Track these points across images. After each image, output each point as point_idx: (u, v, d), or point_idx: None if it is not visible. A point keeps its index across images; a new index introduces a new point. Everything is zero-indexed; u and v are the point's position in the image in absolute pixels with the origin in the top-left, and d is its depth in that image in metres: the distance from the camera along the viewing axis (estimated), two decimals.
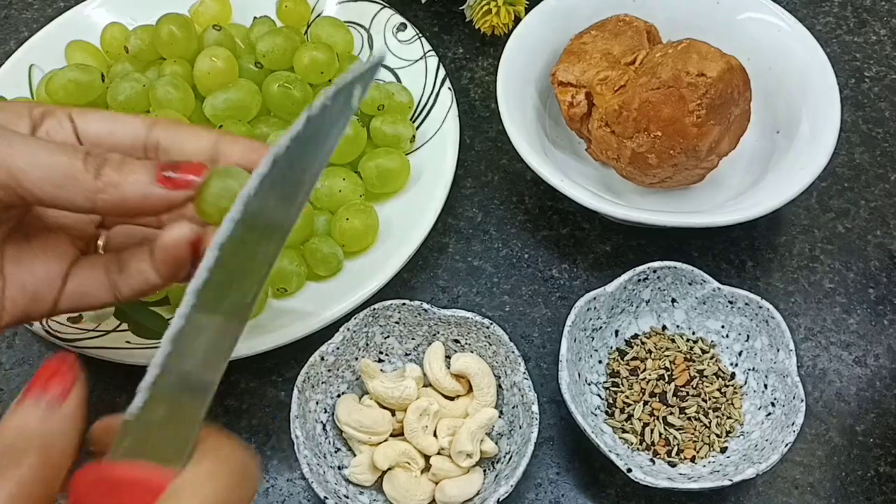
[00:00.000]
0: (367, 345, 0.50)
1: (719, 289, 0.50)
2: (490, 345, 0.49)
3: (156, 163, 0.37)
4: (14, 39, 0.68)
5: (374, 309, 0.49)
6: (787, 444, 0.44)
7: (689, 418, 0.49)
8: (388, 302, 0.49)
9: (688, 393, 0.49)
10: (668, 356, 0.51)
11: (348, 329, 0.49)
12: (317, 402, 0.48)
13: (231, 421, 0.51)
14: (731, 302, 0.50)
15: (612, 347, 0.52)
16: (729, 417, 0.49)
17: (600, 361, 0.51)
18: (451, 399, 0.49)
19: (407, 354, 0.51)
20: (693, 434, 0.48)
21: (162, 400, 0.31)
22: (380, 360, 0.51)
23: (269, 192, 0.33)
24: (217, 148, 0.40)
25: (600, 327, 0.51)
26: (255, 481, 0.32)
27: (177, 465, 0.30)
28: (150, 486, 0.29)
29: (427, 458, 0.47)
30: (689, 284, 0.51)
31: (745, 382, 0.50)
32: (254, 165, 0.34)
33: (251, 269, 0.34)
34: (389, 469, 0.47)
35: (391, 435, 0.48)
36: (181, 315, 0.31)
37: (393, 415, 0.48)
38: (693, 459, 0.48)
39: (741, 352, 0.51)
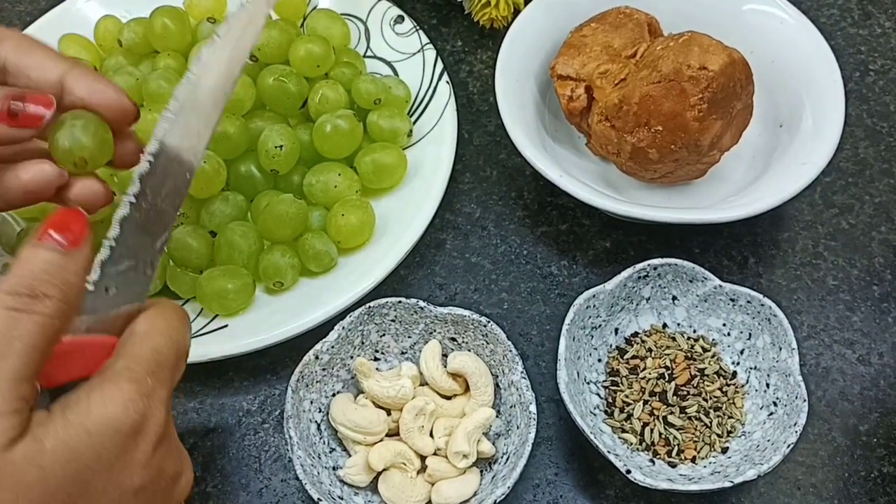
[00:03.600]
0: (363, 343, 0.49)
1: (721, 286, 0.49)
2: (487, 343, 0.48)
3: (3, 94, 0.38)
4: None
5: (370, 307, 0.48)
6: (789, 445, 0.43)
7: (689, 418, 0.48)
8: (384, 300, 0.49)
9: (688, 392, 0.49)
10: (668, 355, 0.50)
11: (343, 327, 0.48)
12: (311, 402, 0.47)
13: (225, 419, 0.51)
14: (732, 300, 0.49)
15: (611, 346, 0.51)
16: (730, 417, 0.48)
17: (600, 360, 0.51)
18: (448, 398, 0.49)
19: (403, 353, 0.50)
20: (693, 434, 0.47)
21: (112, 274, 0.37)
22: (375, 359, 0.50)
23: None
24: (64, 81, 0.40)
25: (600, 325, 0.50)
26: (188, 325, 0.39)
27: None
28: (105, 344, 0.36)
29: (423, 458, 0.47)
30: (690, 282, 0.50)
31: (747, 381, 0.49)
32: (99, 104, 0.40)
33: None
34: (385, 470, 0.46)
35: (387, 435, 0.47)
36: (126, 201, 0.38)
37: (389, 414, 0.48)
38: (693, 460, 0.47)
39: (743, 350, 0.50)
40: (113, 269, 0.37)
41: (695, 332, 0.51)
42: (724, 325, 0.50)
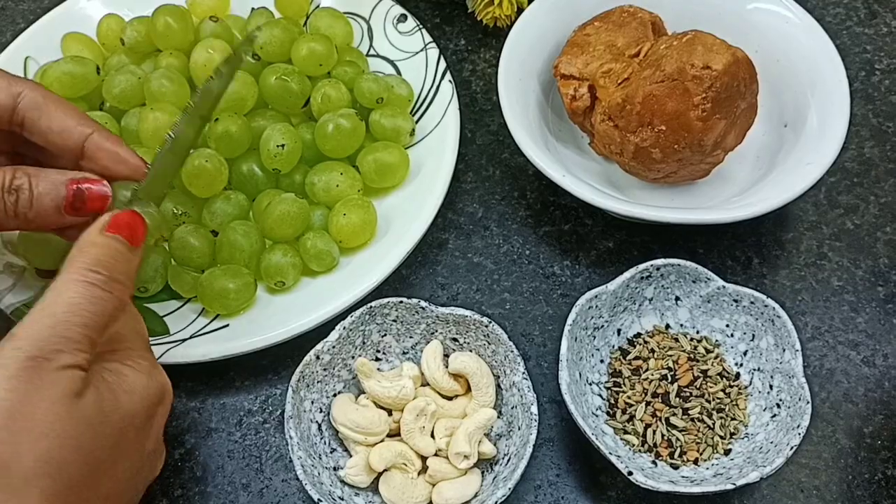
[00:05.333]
0: (364, 343, 0.49)
1: (724, 287, 0.49)
2: (489, 344, 0.48)
3: (62, 181, 0.42)
4: (10, 31, 0.68)
5: (371, 307, 0.48)
6: (792, 447, 0.43)
7: (692, 419, 0.48)
8: (386, 300, 0.48)
9: (691, 393, 0.48)
10: (671, 356, 0.50)
11: (344, 327, 0.48)
12: (312, 402, 0.47)
13: (226, 420, 0.50)
14: (736, 300, 0.49)
15: (613, 346, 0.51)
16: (733, 419, 0.48)
17: (602, 361, 0.50)
18: (449, 399, 0.49)
19: (404, 353, 0.50)
20: (696, 436, 0.47)
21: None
22: (377, 359, 0.50)
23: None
24: (86, 147, 0.43)
25: (602, 326, 0.50)
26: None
27: None
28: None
29: (424, 459, 0.46)
30: (694, 282, 0.50)
31: (750, 383, 0.49)
32: (121, 175, 0.44)
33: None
34: (386, 470, 0.46)
35: (388, 435, 0.47)
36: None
37: (390, 415, 0.48)
38: (696, 461, 0.47)
39: (746, 351, 0.50)
40: None
41: (698, 333, 0.51)
42: (727, 326, 0.50)
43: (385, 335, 0.50)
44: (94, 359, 0.38)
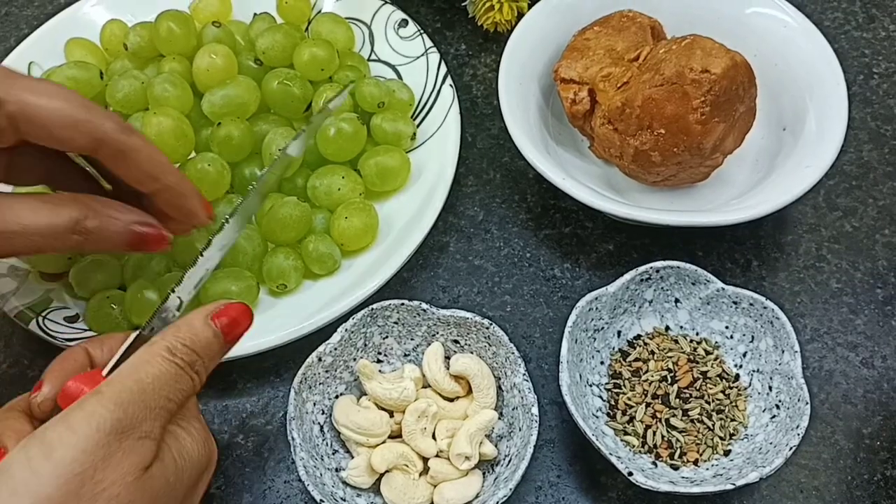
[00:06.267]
0: (366, 345, 0.50)
1: (723, 289, 0.49)
2: (490, 345, 0.48)
3: (131, 223, 0.43)
4: (14, 36, 0.68)
5: (373, 309, 0.49)
6: (791, 448, 0.43)
7: (692, 420, 0.48)
8: (387, 302, 0.49)
9: (691, 395, 0.49)
10: (671, 357, 0.50)
11: (346, 329, 0.48)
12: (314, 404, 0.48)
13: (228, 421, 0.51)
14: (735, 302, 0.49)
15: (614, 348, 0.51)
16: (733, 420, 0.48)
17: (602, 362, 0.51)
18: (451, 400, 0.49)
19: (406, 355, 0.51)
20: (696, 437, 0.47)
21: (159, 319, 0.42)
22: (378, 361, 0.50)
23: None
24: (155, 196, 0.45)
25: (602, 328, 0.50)
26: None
27: None
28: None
29: (425, 460, 0.47)
30: (693, 284, 0.50)
31: (750, 384, 0.49)
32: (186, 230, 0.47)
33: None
34: (387, 471, 0.46)
35: (389, 437, 0.47)
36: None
37: (391, 416, 0.48)
38: (696, 462, 0.47)
39: (746, 353, 0.50)
40: (160, 315, 0.42)
41: (697, 334, 0.51)
42: (726, 327, 0.50)
43: (386, 337, 0.50)
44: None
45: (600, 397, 0.49)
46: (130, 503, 0.34)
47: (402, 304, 0.49)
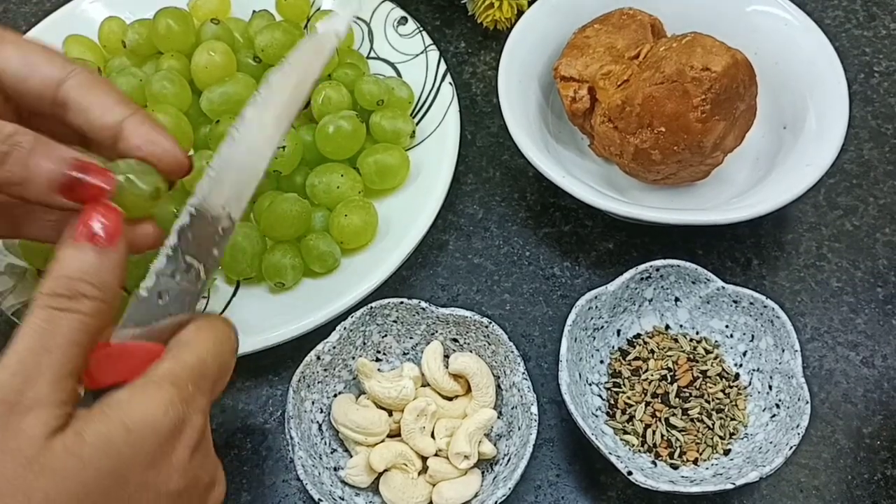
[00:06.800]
0: (365, 344, 0.49)
1: (723, 288, 0.49)
2: (489, 344, 0.48)
3: (67, 160, 0.36)
4: None
5: (372, 307, 0.48)
6: (791, 447, 0.43)
7: (691, 420, 0.48)
8: (386, 300, 0.49)
9: (691, 394, 0.48)
10: (670, 356, 0.50)
11: (345, 328, 0.48)
12: (313, 402, 0.47)
13: (227, 420, 0.51)
14: (735, 301, 0.49)
15: (613, 347, 0.51)
16: (732, 419, 0.48)
17: (602, 361, 0.50)
18: (450, 399, 0.49)
19: (405, 354, 0.50)
20: (696, 436, 0.47)
21: (166, 281, 0.38)
22: (377, 360, 0.50)
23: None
24: (123, 126, 0.39)
25: (602, 326, 0.50)
26: (235, 342, 0.40)
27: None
28: (152, 351, 0.36)
29: (424, 459, 0.47)
30: (693, 283, 0.50)
31: (750, 383, 0.49)
32: (153, 155, 0.39)
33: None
34: (386, 471, 0.46)
35: (388, 436, 0.47)
36: (186, 211, 0.39)
37: (390, 415, 0.48)
38: (695, 462, 0.47)
39: (746, 352, 0.50)
40: (168, 277, 0.38)
41: (697, 333, 0.51)
42: (726, 326, 0.50)
43: (385, 336, 0.50)
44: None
45: (600, 396, 0.49)
46: (29, 488, 0.31)
47: (401, 302, 0.49)
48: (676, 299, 0.51)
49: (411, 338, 0.50)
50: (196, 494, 0.37)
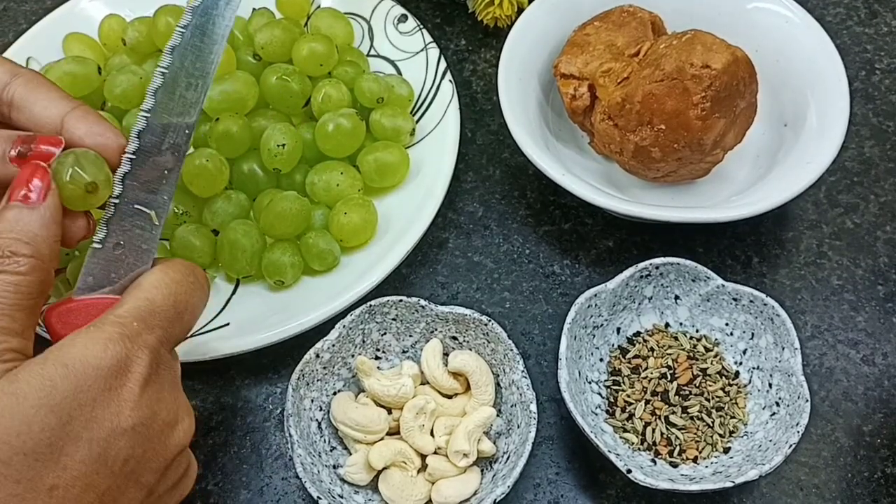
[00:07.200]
0: (364, 342, 0.49)
1: (723, 286, 0.49)
2: (489, 342, 0.48)
3: (13, 137, 0.38)
4: (13, 31, 0.68)
5: (371, 305, 0.48)
6: (791, 445, 0.43)
7: (691, 418, 0.48)
8: (385, 298, 0.49)
9: (690, 392, 0.48)
10: (670, 354, 0.50)
11: (344, 326, 0.48)
12: (312, 400, 0.47)
13: (226, 418, 0.51)
14: (735, 299, 0.49)
15: (613, 345, 0.51)
16: (732, 417, 0.48)
17: (601, 359, 0.50)
18: (449, 397, 0.49)
19: (404, 352, 0.50)
20: (695, 434, 0.47)
21: (118, 231, 0.39)
22: (376, 358, 0.50)
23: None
24: (65, 120, 0.40)
25: (601, 324, 0.50)
26: (204, 283, 0.41)
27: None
28: (112, 303, 0.37)
29: (423, 457, 0.47)
30: (693, 281, 0.50)
31: (750, 381, 0.49)
32: (96, 146, 0.39)
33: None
34: (385, 468, 0.46)
35: (387, 434, 0.47)
36: (126, 158, 0.40)
37: (389, 413, 0.48)
38: (695, 460, 0.47)
39: (745, 350, 0.50)
40: (118, 226, 0.39)
41: (697, 331, 0.51)
42: (726, 324, 0.50)
43: (385, 334, 0.50)
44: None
45: (599, 394, 0.49)
46: None
47: (401, 300, 0.49)
48: (676, 297, 0.51)
49: (411, 336, 0.50)
50: (155, 430, 0.37)
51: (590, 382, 0.49)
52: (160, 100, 0.42)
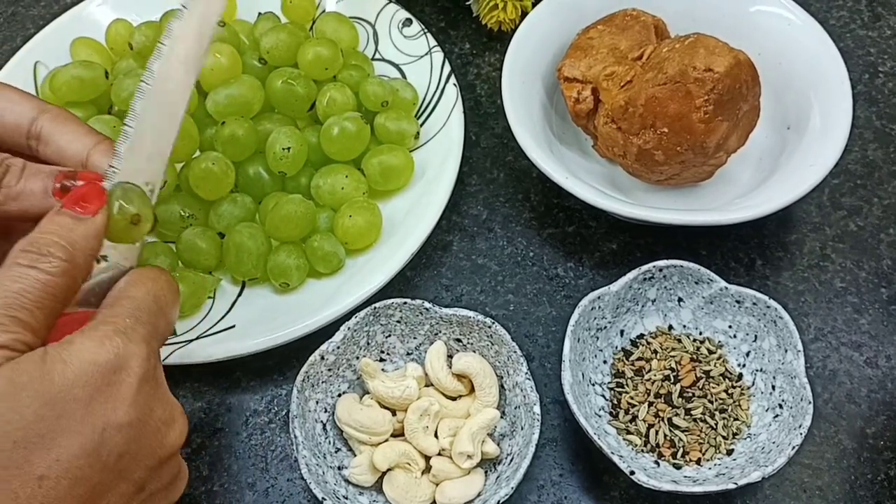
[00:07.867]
0: (368, 344, 0.50)
1: (726, 288, 0.49)
2: (492, 344, 0.48)
3: (55, 172, 0.40)
4: (21, 36, 0.68)
5: (376, 308, 0.49)
6: (794, 447, 0.43)
7: (694, 420, 0.48)
8: (390, 300, 0.49)
9: (694, 394, 0.49)
10: (674, 356, 0.50)
11: (349, 328, 0.48)
12: (317, 402, 0.48)
13: (232, 419, 0.51)
14: (738, 301, 0.49)
15: (616, 347, 0.51)
16: (736, 419, 0.48)
17: (605, 361, 0.51)
18: (453, 399, 0.49)
19: (408, 354, 0.51)
20: (699, 436, 0.47)
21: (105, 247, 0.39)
22: (381, 360, 0.51)
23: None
24: (90, 155, 0.42)
25: (605, 327, 0.50)
26: (175, 285, 0.41)
27: None
28: (84, 316, 0.38)
29: (427, 458, 0.47)
30: (696, 283, 0.50)
31: (753, 383, 0.49)
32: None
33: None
34: (389, 470, 0.46)
35: (392, 435, 0.48)
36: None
37: (394, 415, 0.48)
38: (698, 462, 0.47)
39: (749, 352, 0.50)
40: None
41: (700, 333, 0.51)
42: (729, 326, 0.50)
43: (389, 336, 0.50)
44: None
45: (603, 396, 0.49)
46: None
47: (405, 302, 0.49)
48: (680, 300, 0.51)
49: (415, 338, 0.50)
50: (151, 427, 0.37)
51: (593, 384, 0.49)
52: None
